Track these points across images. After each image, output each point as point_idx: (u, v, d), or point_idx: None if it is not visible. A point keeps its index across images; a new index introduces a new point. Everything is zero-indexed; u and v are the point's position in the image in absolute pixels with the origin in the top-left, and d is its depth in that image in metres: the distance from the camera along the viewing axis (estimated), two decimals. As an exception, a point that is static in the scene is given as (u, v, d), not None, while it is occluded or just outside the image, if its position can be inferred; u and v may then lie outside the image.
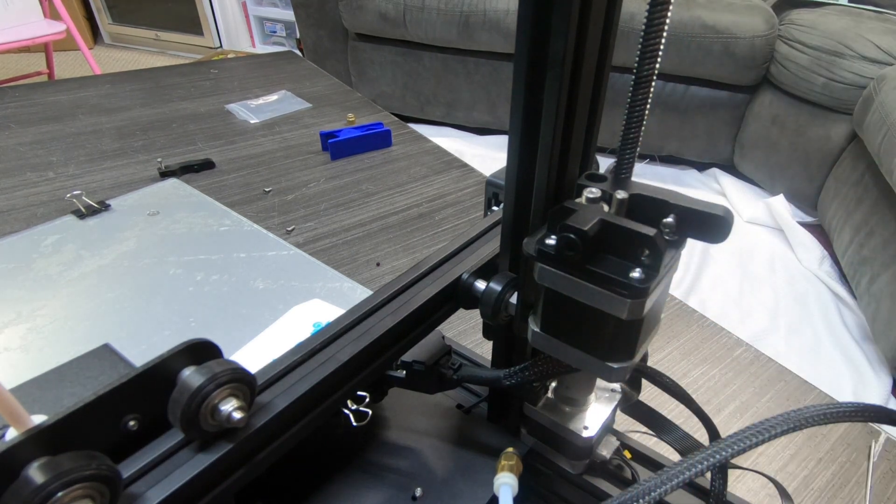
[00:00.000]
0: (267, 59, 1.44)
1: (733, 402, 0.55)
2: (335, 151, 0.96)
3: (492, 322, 0.32)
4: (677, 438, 0.34)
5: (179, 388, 0.23)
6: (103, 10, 3.05)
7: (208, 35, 2.97)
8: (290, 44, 2.89)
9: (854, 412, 0.24)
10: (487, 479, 0.33)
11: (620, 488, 0.35)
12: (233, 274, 0.66)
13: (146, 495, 0.22)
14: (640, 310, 0.23)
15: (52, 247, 0.71)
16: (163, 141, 1.01)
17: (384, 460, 0.36)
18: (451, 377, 0.35)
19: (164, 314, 0.60)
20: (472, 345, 0.57)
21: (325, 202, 0.84)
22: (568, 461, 0.35)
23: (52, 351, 0.55)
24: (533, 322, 0.28)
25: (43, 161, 0.93)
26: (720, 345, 0.61)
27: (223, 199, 0.83)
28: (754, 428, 0.24)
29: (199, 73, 1.32)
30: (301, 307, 0.61)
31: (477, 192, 0.88)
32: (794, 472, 0.49)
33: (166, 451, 0.23)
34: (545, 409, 0.35)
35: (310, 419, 0.28)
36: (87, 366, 0.50)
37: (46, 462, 0.19)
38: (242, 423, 0.24)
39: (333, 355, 0.29)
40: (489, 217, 0.40)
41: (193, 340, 0.24)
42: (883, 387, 1.18)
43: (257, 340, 0.56)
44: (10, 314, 0.60)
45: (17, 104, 1.12)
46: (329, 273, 0.68)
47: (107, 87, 1.23)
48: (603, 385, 0.36)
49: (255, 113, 1.12)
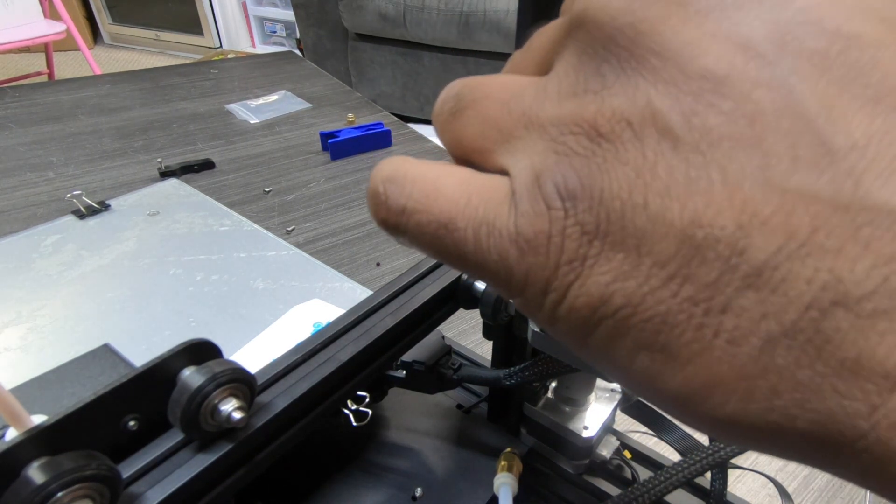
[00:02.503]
0: (267, 59, 1.44)
1: (733, 402, 0.54)
2: (335, 151, 0.96)
3: (492, 322, 0.32)
4: (677, 438, 0.34)
5: (179, 388, 0.23)
6: (103, 10, 3.05)
7: (208, 35, 2.97)
8: (290, 44, 2.89)
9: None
10: (487, 479, 0.33)
11: (620, 488, 0.35)
12: (233, 274, 0.66)
13: (146, 495, 0.22)
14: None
15: (52, 247, 0.71)
16: (163, 141, 1.01)
17: (384, 460, 0.36)
18: (451, 377, 0.35)
19: (164, 314, 0.60)
20: (472, 345, 0.57)
21: (325, 202, 0.84)
22: (568, 461, 0.35)
23: (52, 351, 0.55)
24: (533, 322, 0.28)
25: (43, 161, 0.93)
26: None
27: (223, 199, 0.83)
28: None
29: (199, 73, 1.32)
30: (301, 307, 0.61)
31: (477, 192, 0.88)
32: (794, 472, 0.49)
33: (166, 451, 0.23)
34: (545, 409, 0.35)
35: (310, 419, 0.28)
36: (87, 366, 0.50)
37: (46, 462, 0.19)
38: (242, 423, 0.24)
39: (333, 355, 0.29)
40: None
41: (193, 340, 0.24)
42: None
43: (257, 340, 0.56)
44: (10, 314, 0.60)
45: (17, 104, 1.12)
46: (329, 273, 0.68)
47: (107, 87, 1.23)
48: (603, 385, 0.36)
49: (255, 113, 1.12)
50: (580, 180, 0.11)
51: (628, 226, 0.10)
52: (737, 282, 0.09)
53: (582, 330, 0.11)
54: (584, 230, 0.11)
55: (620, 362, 0.11)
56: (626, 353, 0.11)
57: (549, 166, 0.11)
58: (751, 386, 0.09)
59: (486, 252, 0.12)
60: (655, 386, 0.11)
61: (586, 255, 0.11)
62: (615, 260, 0.10)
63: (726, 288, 0.09)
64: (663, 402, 0.11)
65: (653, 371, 0.10)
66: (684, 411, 0.11)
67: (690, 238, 0.10)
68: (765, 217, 0.09)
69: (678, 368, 0.10)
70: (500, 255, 0.12)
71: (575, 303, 0.11)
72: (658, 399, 0.11)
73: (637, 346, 0.10)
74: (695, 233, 0.10)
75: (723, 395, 0.10)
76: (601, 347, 0.11)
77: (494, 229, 0.12)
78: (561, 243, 0.11)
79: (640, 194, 0.10)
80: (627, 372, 0.11)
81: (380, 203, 0.13)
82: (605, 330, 0.11)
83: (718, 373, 0.10)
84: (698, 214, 0.10)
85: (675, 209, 0.10)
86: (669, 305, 0.10)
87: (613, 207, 0.10)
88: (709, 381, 0.10)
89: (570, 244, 0.11)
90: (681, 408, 0.11)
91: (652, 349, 0.10)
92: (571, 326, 0.11)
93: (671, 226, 0.10)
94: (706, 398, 0.10)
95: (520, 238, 0.11)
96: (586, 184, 0.11)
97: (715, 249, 0.09)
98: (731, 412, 0.10)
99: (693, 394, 0.10)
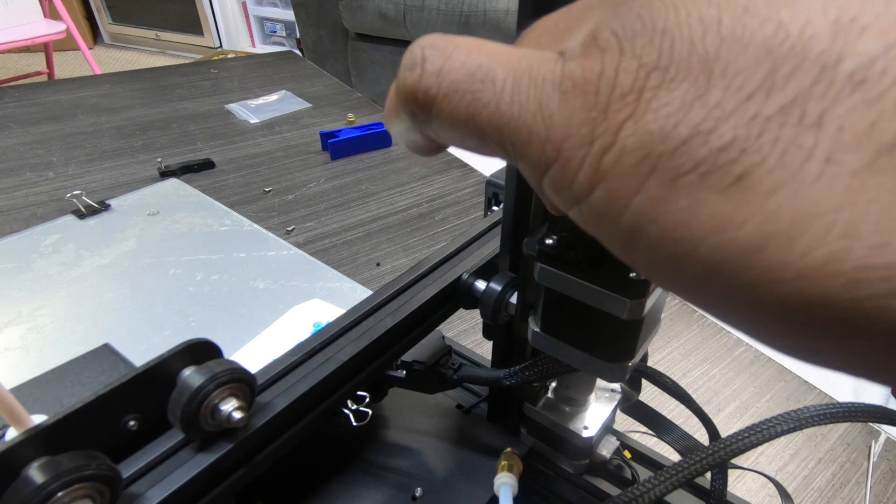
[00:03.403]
0: (267, 59, 1.44)
1: (733, 402, 0.55)
2: (335, 151, 0.96)
3: (492, 322, 0.32)
4: (677, 438, 0.34)
5: (179, 388, 0.23)
6: (103, 10, 3.05)
7: (208, 35, 2.97)
8: (290, 44, 2.88)
9: (854, 412, 0.24)
10: (487, 479, 0.33)
11: (620, 488, 0.35)
12: (233, 274, 0.66)
13: (146, 495, 0.22)
14: (640, 310, 0.23)
15: (52, 247, 0.71)
16: (163, 141, 1.01)
17: (384, 460, 0.36)
18: (451, 377, 0.35)
19: (164, 314, 0.60)
20: (472, 345, 0.57)
21: (325, 202, 0.84)
22: (568, 461, 0.35)
23: (52, 351, 0.55)
24: (533, 322, 0.28)
25: (43, 161, 0.93)
26: (720, 345, 0.61)
27: (223, 199, 0.83)
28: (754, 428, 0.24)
29: (199, 73, 1.32)
30: (301, 307, 0.61)
31: (477, 192, 0.89)
32: (794, 472, 0.49)
33: (166, 451, 0.23)
34: (545, 409, 0.35)
35: (310, 419, 0.28)
36: (87, 366, 0.50)
37: (46, 462, 0.19)
38: (242, 423, 0.24)
39: (333, 355, 0.29)
40: (489, 217, 0.40)
41: (193, 340, 0.24)
42: (883, 387, 1.18)
43: (257, 340, 0.56)
44: (10, 314, 0.60)
45: (17, 104, 1.12)
46: (329, 273, 0.68)
47: (107, 87, 1.23)
48: (603, 385, 0.36)
49: (255, 113, 1.12)
50: (641, 18, 0.10)
51: (697, 50, 0.09)
52: (837, 86, 0.08)
53: (632, 182, 0.09)
54: (641, 63, 0.09)
55: (679, 215, 0.09)
56: (687, 200, 0.09)
57: (605, 18, 0.10)
58: (856, 216, 0.08)
59: (525, 103, 0.11)
60: (726, 235, 0.09)
61: (643, 87, 0.09)
62: (679, 90, 0.09)
63: (823, 96, 0.08)
64: (731, 257, 0.09)
65: (723, 216, 0.09)
66: (758, 267, 0.08)
67: (776, 48, 0.08)
68: (865, 22, 0.08)
69: (758, 205, 0.08)
70: (541, 103, 0.10)
71: (627, 144, 0.09)
72: (723, 255, 0.09)
73: (703, 187, 0.09)
74: (781, 42, 0.08)
75: (817, 233, 0.08)
76: (655, 200, 0.09)
77: (538, 76, 0.11)
78: (613, 78, 0.10)
79: (712, 15, 0.09)
80: (688, 225, 0.09)
81: (415, 66, 0.12)
82: (663, 174, 0.09)
83: (813, 202, 0.08)
84: (784, 24, 0.09)
85: (754, 23, 0.09)
86: (749, 128, 0.08)
87: (680, 34, 0.09)
88: (799, 215, 0.08)
89: (624, 78, 0.09)
90: (755, 260, 0.08)
91: (722, 187, 0.09)
92: (619, 181, 0.10)
93: (751, 40, 0.09)
94: (794, 240, 0.08)
95: (565, 80, 0.10)
96: (647, 19, 0.10)
97: (806, 56, 0.08)
98: (825, 257, 0.08)
99: (776, 236, 0.08)
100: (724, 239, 0.09)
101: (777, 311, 0.09)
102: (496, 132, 0.11)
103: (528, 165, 0.11)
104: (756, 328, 0.09)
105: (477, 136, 0.12)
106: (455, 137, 0.12)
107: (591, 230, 0.11)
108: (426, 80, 0.12)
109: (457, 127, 0.12)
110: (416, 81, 0.12)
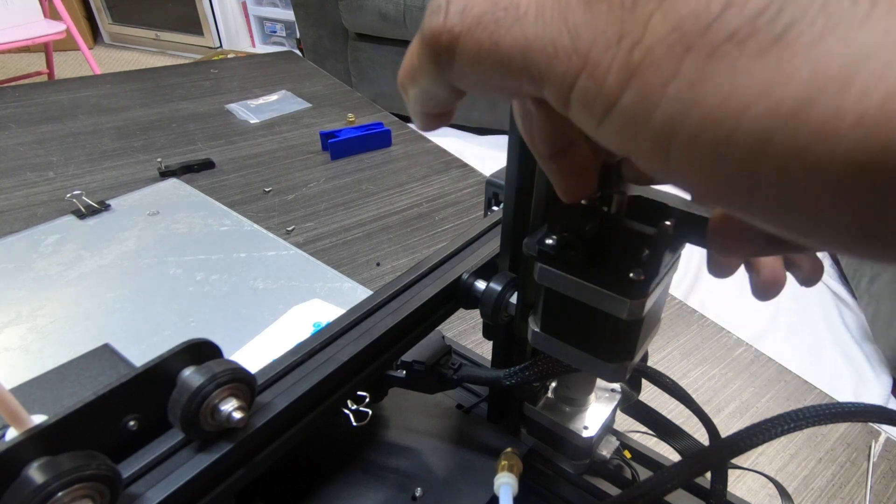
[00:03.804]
0: (267, 59, 1.44)
1: (733, 402, 0.55)
2: (335, 151, 0.96)
3: (492, 322, 0.32)
4: (677, 438, 0.34)
5: (179, 388, 0.23)
6: (103, 10, 3.05)
7: (208, 35, 2.97)
8: (290, 44, 2.88)
9: (854, 412, 0.24)
10: (487, 479, 0.33)
11: (620, 488, 0.35)
12: (233, 274, 0.66)
13: (146, 495, 0.22)
14: (640, 310, 0.23)
15: (52, 247, 0.71)
16: (163, 141, 1.01)
17: (384, 460, 0.36)
18: (451, 377, 0.35)
19: (164, 314, 0.60)
20: (472, 345, 0.57)
21: (325, 202, 0.84)
22: (568, 461, 0.35)
23: (52, 351, 0.55)
24: (533, 322, 0.28)
25: (43, 161, 0.93)
26: (720, 345, 0.61)
27: (223, 199, 0.83)
28: (754, 428, 0.24)
29: (199, 73, 1.32)
30: (301, 307, 0.61)
31: (477, 192, 0.89)
32: (794, 472, 0.49)
33: (166, 451, 0.23)
34: (545, 409, 0.35)
35: (310, 419, 0.28)
36: (87, 366, 0.50)
37: (46, 462, 0.19)
38: (242, 423, 0.24)
39: (333, 355, 0.29)
40: (489, 217, 0.40)
41: (193, 340, 0.24)
42: (883, 387, 1.18)
43: (257, 340, 0.56)
44: (10, 314, 0.60)
45: (17, 104, 1.12)
46: (329, 273, 0.68)
47: (107, 87, 1.23)
48: (603, 385, 0.36)
49: (255, 113, 1.12)
50: None
51: None
52: None
53: (665, 70, 0.09)
54: None
55: (719, 91, 0.09)
56: (727, 73, 0.08)
57: None
58: None
59: (549, 19, 0.11)
60: (772, 99, 0.08)
61: None
62: None
63: None
64: (780, 124, 0.08)
65: (766, 80, 0.08)
66: (811, 125, 0.08)
67: None
68: None
69: (802, 58, 0.08)
70: (566, 17, 0.10)
71: (658, 32, 0.09)
72: (771, 123, 0.08)
73: (742, 55, 0.08)
74: None
75: (873, 72, 0.07)
76: (691, 83, 0.09)
77: None
78: None
79: None
80: (729, 100, 0.08)
81: (439, 10, 0.13)
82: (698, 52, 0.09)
83: (863, 43, 0.07)
84: None
85: None
86: None
87: None
88: (850, 58, 0.07)
89: None
90: (806, 118, 0.08)
91: (761, 50, 0.08)
92: (651, 72, 0.09)
93: None
94: (847, 85, 0.07)
95: None
96: None
97: None
98: (885, 94, 0.07)
99: (826, 86, 0.08)
100: (771, 104, 0.08)
101: (839, 176, 0.08)
102: (521, 55, 0.11)
103: (555, 84, 0.11)
104: (816, 210, 0.08)
105: (501, 66, 0.12)
106: (478, 74, 0.13)
107: (622, 146, 0.11)
108: (451, 19, 0.12)
109: (480, 60, 0.12)
110: (441, 23, 0.13)
